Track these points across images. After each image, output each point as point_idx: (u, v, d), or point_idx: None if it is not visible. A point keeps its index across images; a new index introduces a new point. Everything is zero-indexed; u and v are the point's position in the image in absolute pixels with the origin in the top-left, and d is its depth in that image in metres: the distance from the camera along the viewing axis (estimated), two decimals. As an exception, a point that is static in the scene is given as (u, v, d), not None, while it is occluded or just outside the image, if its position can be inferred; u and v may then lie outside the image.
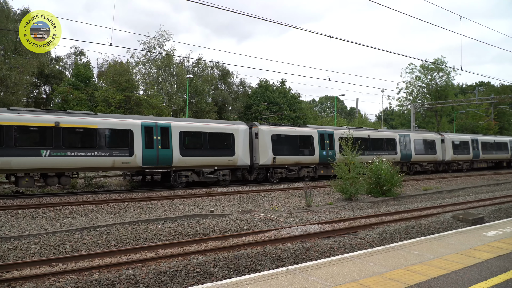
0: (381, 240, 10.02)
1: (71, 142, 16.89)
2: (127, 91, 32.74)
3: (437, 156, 33.04)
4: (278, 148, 22.85)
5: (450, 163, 34.62)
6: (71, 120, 17.02)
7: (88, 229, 10.68)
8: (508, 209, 14.90)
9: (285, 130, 23.74)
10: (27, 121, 16.11)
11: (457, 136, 36.07)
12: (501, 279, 5.38)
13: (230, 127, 21.62)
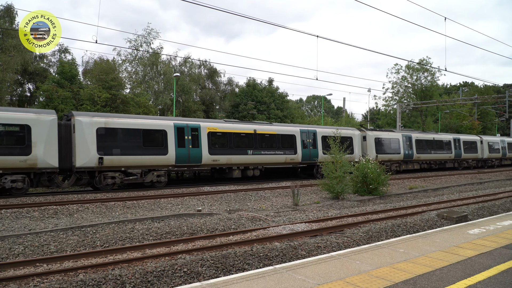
0: (367, 239, 10.12)
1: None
2: (113, 90, 32.35)
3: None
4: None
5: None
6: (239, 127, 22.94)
7: (73, 229, 10.55)
8: (491, 207, 15.18)
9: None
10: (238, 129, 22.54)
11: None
12: (484, 276, 5.48)
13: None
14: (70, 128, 17.92)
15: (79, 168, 17.56)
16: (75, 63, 37.50)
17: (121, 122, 18.93)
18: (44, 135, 16.60)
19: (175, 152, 19.96)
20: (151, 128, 19.64)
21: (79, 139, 17.52)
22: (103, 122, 18.26)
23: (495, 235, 8.09)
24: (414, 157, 33.42)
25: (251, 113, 45.57)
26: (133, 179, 19.02)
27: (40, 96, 34.28)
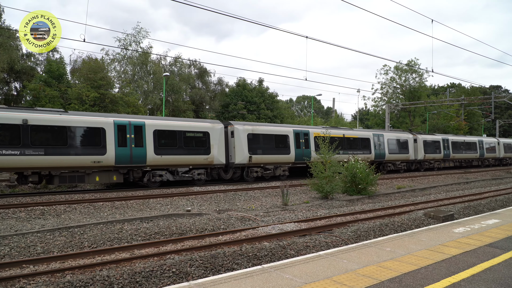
0: (355, 238, 10.22)
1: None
2: (102, 89, 32.12)
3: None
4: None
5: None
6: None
7: (60, 230, 10.46)
8: (477, 207, 15.43)
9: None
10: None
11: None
12: (468, 274, 5.59)
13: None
14: (228, 134, 22.83)
15: (237, 164, 22.57)
16: (63, 62, 37.18)
17: (262, 129, 24.16)
18: (217, 140, 21.63)
19: (295, 151, 25.15)
20: (280, 133, 24.81)
21: (237, 142, 22.45)
22: (251, 129, 23.43)
23: (480, 234, 8.23)
24: (451, 156, 39.04)
25: (241, 113, 45.58)
26: (269, 172, 24.27)
27: (27, 95, 33.89)
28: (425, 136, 36.62)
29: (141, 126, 19.21)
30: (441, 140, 37.71)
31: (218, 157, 21.66)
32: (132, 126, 18.95)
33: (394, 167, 33.21)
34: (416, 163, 35.64)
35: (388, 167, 32.58)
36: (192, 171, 21.03)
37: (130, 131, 18.80)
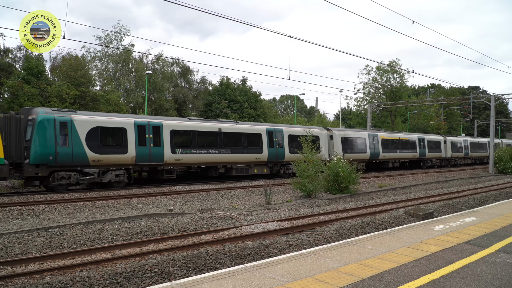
0: (338, 236, 10.31)
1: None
2: (82, 87, 31.54)
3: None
4: None
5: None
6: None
7: (39, 230, 10.25)
8: (455, 205, 15.77)
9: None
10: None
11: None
12: (447, 270, 5.70)
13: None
14: (328, 136, 29.62)
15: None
16: (42, 59, 36.27)
17: (349, 133, 31.86)
18: (325, 142, 28.96)
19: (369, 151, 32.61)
20: (360, 137, 32.06)
21: (335, 144, 29.60)
22: (343, 134, 30.86)
23: (458, 231, 8.41)
24: (469, 155, 48.19)
25: (225, 112, 45.46)
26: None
27: (5, 92, 33.03)
28: (452, 138, 45.74)
29: (280, 131, 26.27)
30: (462, 141, 47.13)
31: (325, 155, 28.11)
32: (276, 133, 25.71)
33: (431, 163, 41.48)
34: (446, 160, 44.35)
35: (428, 163, 41.05)
36: None
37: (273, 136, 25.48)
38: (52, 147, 16.85)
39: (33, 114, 17.19)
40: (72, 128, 17.47)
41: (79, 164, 17.78)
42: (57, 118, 17.22)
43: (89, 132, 17.94)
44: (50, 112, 17.36)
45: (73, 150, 17.37)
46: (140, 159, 19.46)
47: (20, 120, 17.14)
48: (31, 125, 16.96)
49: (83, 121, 17.97)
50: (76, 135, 17.52)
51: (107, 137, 18.66)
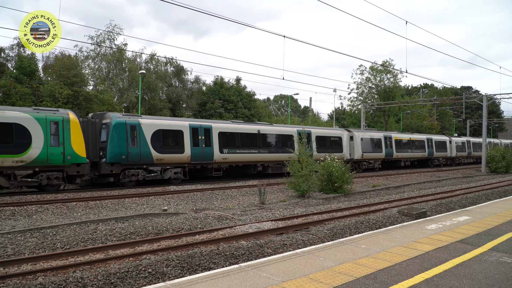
0: (332, 236, 10.34)
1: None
2: (75, 86, 31.33)
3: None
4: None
5: None
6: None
7: (32, 230, 10.17)
8: (448, 204, 15.88)
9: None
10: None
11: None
12: (440, 269, 5.74)
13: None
14: (349, 137, 32.20)
15: (355, 160, 32.29)
16: (34, 58, 36.00)
17: (367, 134, 34.26)
18: (346, 142, 31.70)
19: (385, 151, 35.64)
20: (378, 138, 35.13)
21: (355, 144, 32.36)
22: (362, 135, 33.37)
23: (451, 230, 8.47)
24: (472, 154, 50.99)
25: (218, 112, 45.40)
26: (370, 165, 34.43)
27: (-3, 92, 32.66)
28: (457, 138, 48.92)
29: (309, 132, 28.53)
30: (466, 142, 49.70)
31: (347, 154, 31.33)
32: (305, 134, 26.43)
33: (438, 162, 43.95)
34: (451, 159, 46.88)
35: (435, 162, 43.65)
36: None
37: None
38: (124, 147, 19.05)
39: (107, 118, 19.42)
40: (139, 131, 19.67)
41: (146, 162, 19.94)
42: (128, 122, 19.43)
43: (153, 134, 20.10)
44: (121, 117, 19.66)
45: (141, 150, 19.60)
46: (194, 158, 21.74)
47: (95, 124, 19.26)
48: (105, 128, 19.18)
49: (148, 124, 20.14)
50: (143, 137, 19.70)
51: (168, 139, 20.83)
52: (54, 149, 16.89)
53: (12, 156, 15.90)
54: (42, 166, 16.76)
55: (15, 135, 16.00)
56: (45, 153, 16.62)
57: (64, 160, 17.17)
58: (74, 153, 17.42)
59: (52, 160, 16.87)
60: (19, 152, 16.06)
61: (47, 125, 16.81)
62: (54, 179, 17.26)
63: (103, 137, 19.20)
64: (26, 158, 16.20)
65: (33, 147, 16.38)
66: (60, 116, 17.36)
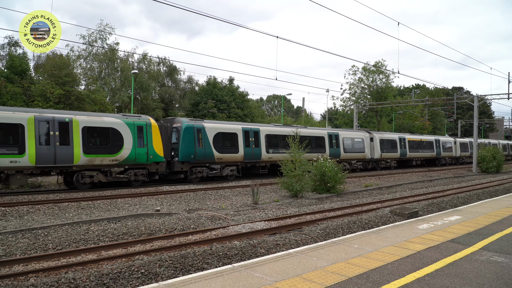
0: (324, 235, 10.38)
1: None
2: (67, 86, 31.12)
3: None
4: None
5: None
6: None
7: (23, 231, 10.08)
8: (440, 204, 16.01)
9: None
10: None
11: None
12: (432, 268, 5.79)
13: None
14: (369, 139, 35.04)
15: (375, 159, 35.62)
16: (26, 57, 35.68)
17: (385, 136, 37.17)
18: (368, 143, 34.61)
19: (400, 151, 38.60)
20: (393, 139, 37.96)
21: (375, 145, 35.35)
22: (380, 136, 36.25)
23: (443, 230, 8.55)
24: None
25: (211, 112, 45.32)
26: (388, 164, 37.72)
27: (-13, 91, 32.29)
28: (461, 139, 51.43)
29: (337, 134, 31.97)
30: (468, 142, 51.86)
31: (368, 154, 34.33)
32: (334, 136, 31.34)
33: (444, 161, 47.08)
34: (456, 159, 49.61)
35: (442, 161, 46.56)
36: (357, 162, 33.69)
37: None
38: (192, 148, 21.78)
39: (177, 122, 22.29)
40: (204, 133, 22.39)
41: (209, 161, 22.66)
42: (195, 126, 22.22)
43: (214, 136, 22.84)
44: (189, 121, 22.33)
45: (205, 150, 22.30)
46: (246, 158, 24.50)
47: (167, 128, 22.17)
48: (175, 131, 22.03)
49: (211, 128, 22.91)
50: (206, 139, 22.43)
51: (226, 140, 23.38)
52: (140, 149, 19.67)
53: (109, 155, 18.62)
54: (130, 164, 19.55)
55: (111, 138, 18.77)
56: (133, 153, 19.39)
57: (147, 159, 20.03)
58: (155, 153, 20.28)
59: (139, 159, 19.66)
60: (114, 152, 18.78)
61: (135, 129, 19.59)
62: (140, 175, 20.03)
63: (174, 139, 22.03)
64: (119, 157, 18.92)
65: (125, 148, 19.10)
66: (144, 121, 20.17)
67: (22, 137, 16.22)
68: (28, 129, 16.37)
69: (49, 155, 16.85)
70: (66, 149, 17.36)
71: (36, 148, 16.50)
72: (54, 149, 17.03)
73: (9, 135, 16.13)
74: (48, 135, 16.97)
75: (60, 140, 17.26)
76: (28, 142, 16.32)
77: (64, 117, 17.67)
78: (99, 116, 19.27)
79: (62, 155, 17.23)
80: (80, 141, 17.75)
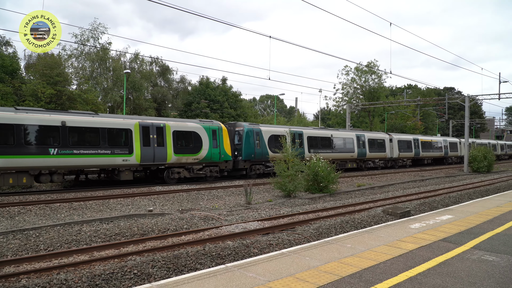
0: (317, 235, 10.41)
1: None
2: (58, 86, 30.83)
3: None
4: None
5: None
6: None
7: (14, 232, 9.99)
8: (432, 203, 16.13)
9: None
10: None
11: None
12: (424, 267, 5.83)
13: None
14: (389, 140, 39.03)
15: (394, 158, 39.69)
16: (16, 57, 35.29)
17: (402, 137, 41.37)
18: (388, 144, 38.49)
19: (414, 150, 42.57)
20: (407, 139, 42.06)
21: (394, 145, 39.33)
22: (398, 138, 40.44)
23: (435, 229, 8.61)
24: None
25: (204, 112, 45.22)
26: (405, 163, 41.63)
27: (-23, 91, 31.92)
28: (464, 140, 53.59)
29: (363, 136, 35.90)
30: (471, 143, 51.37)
31: (389, 153, 38.67)
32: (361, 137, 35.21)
33: (451, 160, 51.16)
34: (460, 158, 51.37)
35: (449, 160, 50.41)
36: (380, 161, 37.76)
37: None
38: (253, 148, 25.21)
39: (239, 126, 25.78)
40: (261, 136, 25.83)
41: (264, 160, 25.94)
42: (254, 129, 25.66)
43: (269, 138, 26.21)
44: (249, 125, 25.87)
45: (262, 150, 25.74)
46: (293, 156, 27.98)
47: (230, 131, 25.37)
48: (237, 134, 25.55)
49: (266, 131, 26.41)
50: (263, 140, 25.88)
51: (277, 142, 24.74)
52: (214, 150, 23.01)
53: (192, 155, 22.02)
54: (207, 162, 22.88)
55: (193, 140, 22.18)
56: (209, 153, 22.75)
57: (219, 158, 23.34)
58: (225, 153, 23.64)
59: (213, 158, 22.98)
60: (195, 152, 22.22)
61: (210, 133, 23.08)
62: (214, 172, 23.43)
63: (237, 140, 25.49)
64: (199, 156, 22.37)
65: (203, 149, 22.50)
66: (216, 126, 23.82)
67: (131, 140, 19.60)
68: (134, 133, 19.78)
69: (150, 155, 20.25)
70: (162, 149, 20.83)
71: (141, 149, 19.88)
72: (153, 150, 20.43)
73: (121, 138, 19.59)
74: (149, 138, 20.34)
75: (157, 142, 20.67)
76: (135, 144, 19.71)
77: (160, 123, 21.09)
78: (184, 121, 23.22)
79: (159, 155, 20.68)
80: (171, 143, 21.20)
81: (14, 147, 16.25)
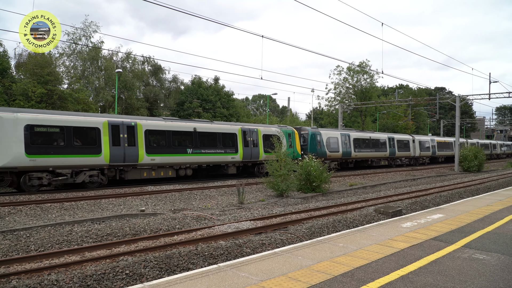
0: (310, 234, 10.43)
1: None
2: (49, 85, 30.56)
3: None
4: None
5: None
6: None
7: (4, 233, 9.88)
8: (423, 202, 16.26)
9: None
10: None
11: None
12: (415, 266, 5.88)
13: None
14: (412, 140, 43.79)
15: (416, 157, 44.16)
16: (6, 56, 34.92)
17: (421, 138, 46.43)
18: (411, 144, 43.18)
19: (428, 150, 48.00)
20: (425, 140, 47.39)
21: (416, 145, 43.66)
22: (419, 138, 45.72)
23: (426, 228, 8.68)
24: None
25: (197, 112, 45.11)
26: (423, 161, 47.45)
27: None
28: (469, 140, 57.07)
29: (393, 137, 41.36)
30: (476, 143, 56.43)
31: (412, 152, 43.02)
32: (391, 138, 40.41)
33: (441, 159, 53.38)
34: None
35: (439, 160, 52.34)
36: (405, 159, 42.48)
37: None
38: (315, 148, 30.25)
39: (304, 130, 31.13)
40: (320, 138, 31.22)
41: (324, 157, 29.47)
42: (315, 133, 31.07)
43: (326, 139, 31.61)
44: (312, 129, 31.30)
45: (322, 149, 30.86)
46: (344, 155, 33.56)
47: (298, 134, 29.47)
48: (302, 136, 30.62)
49: (324, 134, 31.71)
50: (322, 141, 31.26)
51: (332, 143, 31.76)
52: (289, 149, 25.43)
53: (274, 153, 22.23)
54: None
55: (276, 141, 23.31)
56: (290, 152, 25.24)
57: (293, 156, 24.85)
58: (297, 152, 28.06)
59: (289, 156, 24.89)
60: (234, 152, 24.68)
61: (287, 136, 27.72)
62: None
63: (302, 142, 30.34)
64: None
65: (282, 148, 23.26)
66: (291, 130, 28.82)
67: (236, 142, 24.56)
68: (239, 136, 24.77)
69: (248, 154, 25.16)
70: (255, 150, 25.73)
71: (243, 149, 24.86)
72: (250, 150, 25.52)
73: (230, 140, 24.23)
74: (247, 141, 25.33)
75: (253, 144, 25.64)
76: (239, 145, 24.63)
77: (253, 128, 26.32)
78: (269, 127, 28.21)
79: (254, 154, 25.64)
80: (262, 144, 26.10)
81: (166, 148, 20.98)
